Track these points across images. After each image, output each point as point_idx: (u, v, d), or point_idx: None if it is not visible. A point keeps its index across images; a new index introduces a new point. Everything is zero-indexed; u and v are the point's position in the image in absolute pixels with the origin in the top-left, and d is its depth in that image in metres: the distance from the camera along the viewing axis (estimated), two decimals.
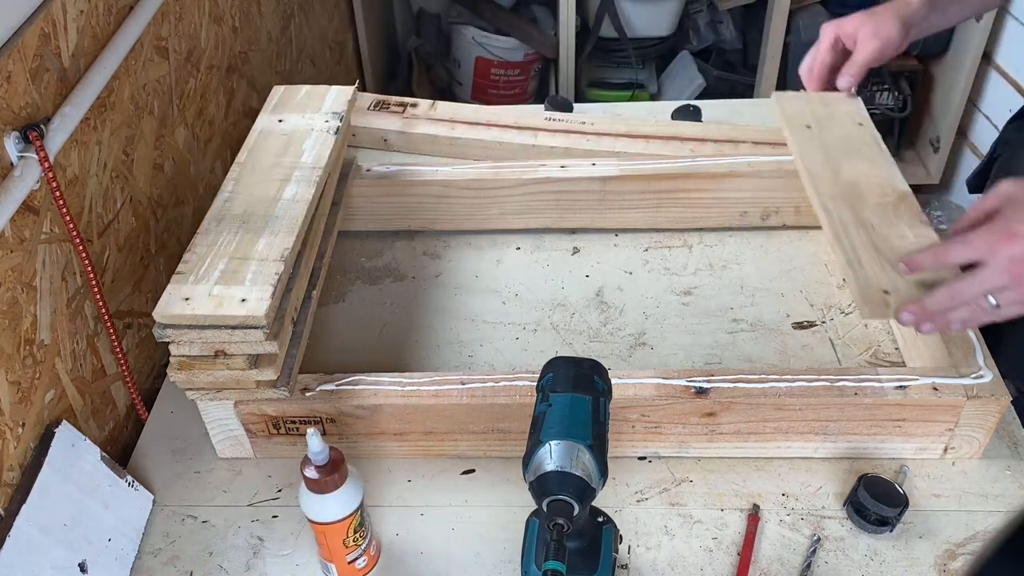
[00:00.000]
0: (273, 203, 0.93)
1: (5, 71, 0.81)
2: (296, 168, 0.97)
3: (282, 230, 0.88)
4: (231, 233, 0.89)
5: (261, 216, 0.91)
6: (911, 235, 0.90)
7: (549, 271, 1.20)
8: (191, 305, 0.81)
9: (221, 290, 0.83)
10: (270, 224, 0.89)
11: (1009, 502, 0.90)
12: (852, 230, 0.91)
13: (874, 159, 1.02)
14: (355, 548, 0.83)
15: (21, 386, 0.84)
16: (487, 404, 0.91)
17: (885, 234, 0.90)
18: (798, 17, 2.32)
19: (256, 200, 0.94)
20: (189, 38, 1.21)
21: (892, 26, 1.01)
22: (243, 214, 0.92)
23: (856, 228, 0.91)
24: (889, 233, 0.90)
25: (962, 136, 2.37)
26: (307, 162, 0.98)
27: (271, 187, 0.95)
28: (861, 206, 0.95)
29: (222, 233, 0.90)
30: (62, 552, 0.82)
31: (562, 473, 0.68)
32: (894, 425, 0.91)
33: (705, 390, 0.90)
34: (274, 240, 0.87)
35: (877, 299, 0.83)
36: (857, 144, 1.05)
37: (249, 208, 0.92)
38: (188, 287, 0.83)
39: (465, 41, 2.50)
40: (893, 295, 0.83)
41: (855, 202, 0.95)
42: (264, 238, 0.88)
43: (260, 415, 0.93)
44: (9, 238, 0.82)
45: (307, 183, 0.95)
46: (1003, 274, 0.73)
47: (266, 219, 0.90)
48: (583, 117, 1.38)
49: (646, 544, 0.88)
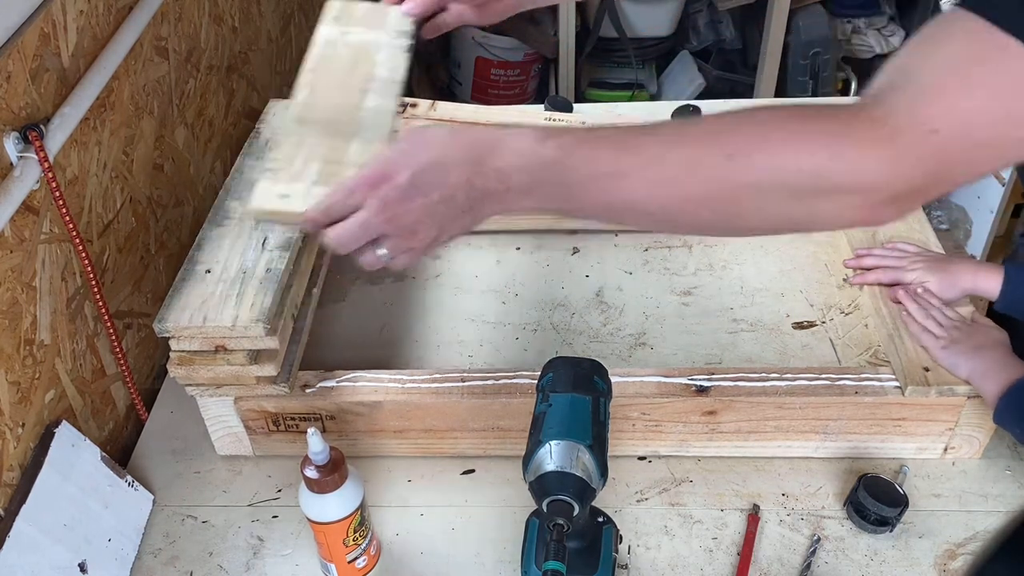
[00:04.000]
0: (357, 110, 0.87)
1: (5, 71, 0.81)
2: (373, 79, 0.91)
3: (373, 139, 0.83)
4: (318, 136, 0.82)
5: (347, 122, 0.85)
6: None
7: (549, 271, 1.20)
8: (289, 202, 0.74)
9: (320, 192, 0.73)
10: (360, 131, 0.84)
11: (1009, 502, 0.90)
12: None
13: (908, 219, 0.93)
14: (355, 548, 0.83)
15: (21, 386, 0.84)
16: (487, 401, 0.91)
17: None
18: (798, 17, 2.32)
19: (339, 107, 0.87)
20: (189, 38, 1.21)
21: None
22: (328, 120, 0.85)
23: None
24: None
25: None
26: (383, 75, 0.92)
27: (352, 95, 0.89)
28: None
29: (309, 136, 0.82)
30: (62, 552, 0.82)
31: (562, 473, 0.68)
32: (894, 425, 0.91)
33: (706, 388, 0.90)
34: (366, 147, 0.81)
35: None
36: None
37: (334, 114, 0.86)
38: (284, 185, 0.75)
39: (465, 41, 2.50)
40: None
41: None
42: (355, 144, 0.82)
43: (260, 411, 0.93)
44: (9, 238, 0.82)
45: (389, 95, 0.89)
46: (380, 218, 0.67)
47: (354, 125, 0.84)
48: (583, 117, 1.38)
49: (646, 544, 0.88)
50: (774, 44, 2.29)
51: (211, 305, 0.87)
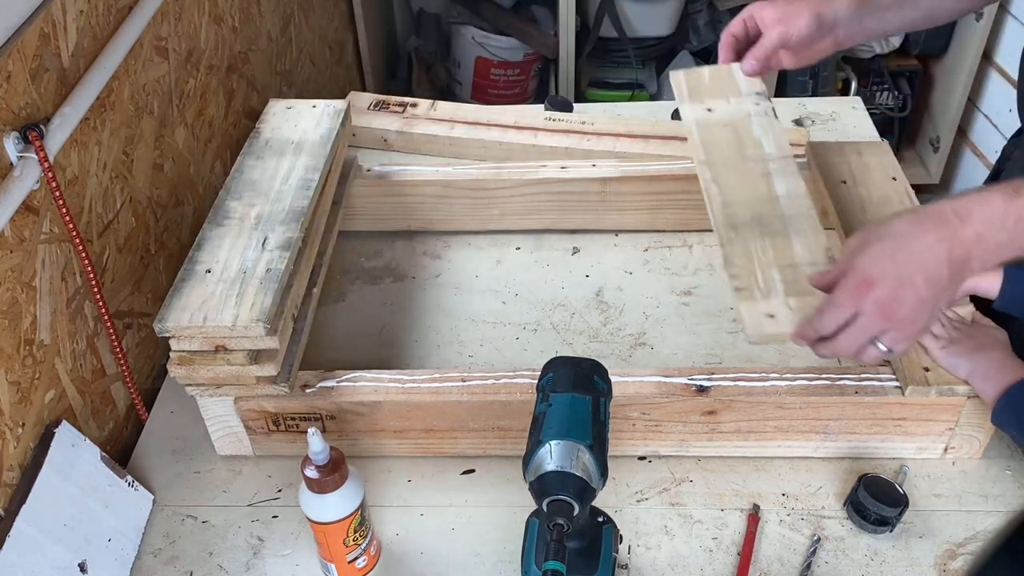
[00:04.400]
0: (772, 201, 0.90)
1: (5, 71, 0.81)
2: (765, 159, 0.95)
3: (807, 229, 0.86)
4: (755, 238, 0.87)
5: (771, 216, 0.89)
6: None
7: (549, 271, 1.20)
8: (778, 323, 0.79)
9: (795, 303, 0.80)
10: (789, 224, 0.87)
11: (1009, 502, 0.90)
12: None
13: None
14: (355, 548, 0.83)
15: (21, 386, 0.84)
16: (487, 401, 0.91)
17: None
18: None
19: (752, 200, 0.91)
20: (189, 38, 1.21)
21: (802, 18, 0.99)
22: (753, 218, 0.89)
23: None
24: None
25: (962, 136, 2.37)
26: (771, 151, 0.96)
27: (758, 184, 0.92)
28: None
29: (748, 241, 0.87)
30: (62, 552, 0.82)
31: (562, 473, 0.68)
32: (894, 425, 0.91)
33: (706, 388, 0.90)
34: (806, 241, 0.85)
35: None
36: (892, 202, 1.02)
37: (754, 209, 0.90)
38: (762, 302, 0.81)
39: (465, 41, 2.50)
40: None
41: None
42: (796, 242, 0.85)
43: (260, 411, 0.93)
44: (9, 238, 0.82)
45: (792, 174, 0.92)
46: (877, 319, 0.73)
47: (779, 220, 0.88)
48: (583, 117, 1.38)
49: (646, 544, 0.88)
50: None
51: (211, 305, 0.87)
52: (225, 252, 0.93)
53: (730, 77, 1.06)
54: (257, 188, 1.02)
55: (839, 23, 1.00)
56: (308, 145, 1.09)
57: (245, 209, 0.99)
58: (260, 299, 0.87)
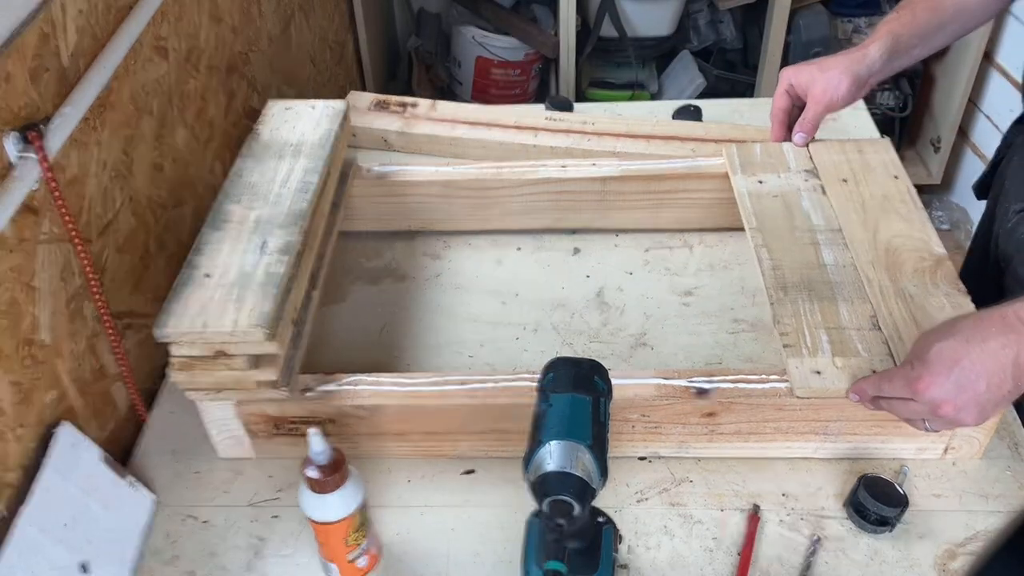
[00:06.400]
0: (820, 268, 0.99)
1: (5, 71, 0.81)
2: (813, 230, 1.04)
3: (854, 296, 0.95)
4: (805, 302, 0.95)
5: (820, 282, 0.97)
6: (948, 305, 0.92)
7: (549, 271, 1.20)
8: (825, 380, 0.87)
9: (841, 362, 0.88)
10: (837, 290, 0.96)
11: (1009, 502, 0.90)
12: (892, 302, 0.93)
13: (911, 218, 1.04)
14: (355, 548, 0.83)
15: (22, 387, 0.84)
16: (488, 404, 0.91)
17: (923, 304, 0.93)
18: (798, 17, 2.32)
19: (801, 265, 0.99)
20: (189, 38, 1.21)
21: (843, 84, 1.07)
22: (801, 282, 0.97)
23: (895, 299, 0.94)
24: (927, 304, 0.93)
25: (963, 136, 2.37)
26: (819, 223, 1.05)
27: (807, 251, 1.01)
28: (899, 273, 0.97)
29: (796, 302, 0.95)
30: (63, 552, 0.82)
31: (562, 473, 0.68)
32: (894, 425, 0.91)
33: (706, 391, 0.90)
34: (853, 308, 0.93)
35: None
36: (893, 201, 1.07)
37: (803, 274, 0.98)
38: (809, 359, 0.88)
39: (465, 41, 2.50)
40: None
41: (893, 269, 0.97)
42: (843, 307, 0.94)
43: (261, 415, 0.93)
44: (9, 238, 0.82)
45: (838, 246, 1.01)
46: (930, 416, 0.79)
47: (827, 286, 0.96)
48: (583, 117, 1.38)
49: (646, 544, 0.88)
50: (775, 44, 2.29)
51: (211, 310, 0.86)
52: (224, 256, 0.93)
53: (780, 153, 1.15)
54: (256, 191, 1.02)
55: (873, 75, 1.07)
56: (307, 147, 1.09)
57: (244, 212, 0.99)
58: (260, 304, 0.87)
